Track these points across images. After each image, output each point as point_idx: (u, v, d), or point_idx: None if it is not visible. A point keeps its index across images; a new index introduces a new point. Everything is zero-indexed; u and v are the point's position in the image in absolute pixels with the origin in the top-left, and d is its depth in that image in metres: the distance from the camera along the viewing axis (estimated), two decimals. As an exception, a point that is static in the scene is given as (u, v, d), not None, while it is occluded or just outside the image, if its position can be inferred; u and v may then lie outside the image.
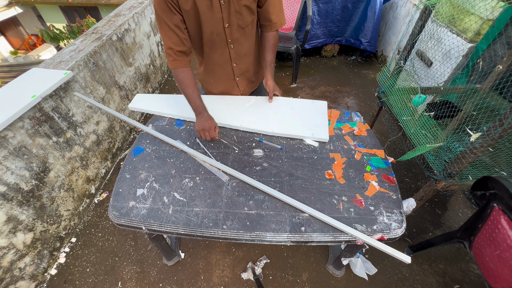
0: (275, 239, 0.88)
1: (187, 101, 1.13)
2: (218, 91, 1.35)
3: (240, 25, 1.04)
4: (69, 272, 1.52)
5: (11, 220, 1.28)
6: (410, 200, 1.37)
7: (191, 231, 0.90)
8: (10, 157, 1.25)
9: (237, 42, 1.11)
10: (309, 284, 1.45)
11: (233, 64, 1.18)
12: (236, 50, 1.13)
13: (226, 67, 1.19)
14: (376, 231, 0.88)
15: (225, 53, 1.13)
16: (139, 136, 1.24)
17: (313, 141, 1.20)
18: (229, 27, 1.03)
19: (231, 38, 1.07)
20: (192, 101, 1.12)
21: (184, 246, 1.62)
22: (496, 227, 0.97)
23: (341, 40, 3.38)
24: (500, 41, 1.57)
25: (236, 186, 1.01)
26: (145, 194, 0.99)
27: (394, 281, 1.45)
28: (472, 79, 1.70)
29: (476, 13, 1.55)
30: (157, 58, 3.00)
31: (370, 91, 2.97)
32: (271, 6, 1.07)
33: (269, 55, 1.21)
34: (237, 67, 1.20)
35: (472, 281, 1.45)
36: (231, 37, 1.07)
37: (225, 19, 1.00)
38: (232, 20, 1.02)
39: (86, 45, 1.84)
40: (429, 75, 1.82)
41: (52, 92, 1.47)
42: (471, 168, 1.26)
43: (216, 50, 1.11)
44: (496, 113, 1.45)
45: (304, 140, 1.20)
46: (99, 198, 1.90)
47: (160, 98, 1.42)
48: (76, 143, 1.69)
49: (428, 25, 1.71)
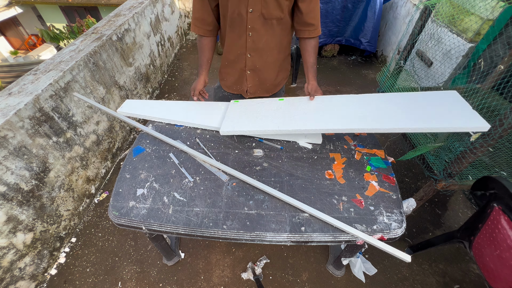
0: (275, 239, 0.88)
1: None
2: (229, 81, 1.33)
3: (263, 14, 1.04)
4: (69, 272, 1.52)
5: (11, 220, 1.28)
6: (410, 200, 1.37)
7: (191, 231, 0.90)
8: (10, 157, 1.25)
9: (256, 32, 1.10)
10: (309, 284, 1.45)
11: (247, 54, 1.17)
12: (253, 39, 1.12)
13: (241, 55, 1.18)
14: (376, 231, 0.88)
15: (242, 38, 1.12)
16: (139, 136, 1.24)
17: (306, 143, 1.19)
18: (252, 12, 1.03)
19: (251, 24, 1.07)
20: (199, 64, 1.27)
21: (184, 246, 1.62)
22: (496, 227, 0.97)
23: (341, 40, 3.38)
24: (500, 41, 1.57)
25: (236, 186, 1.01)
26: (145, 194, 0.99)
27: (394, 281, 1.45)
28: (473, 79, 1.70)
29: (476, 13, 1.55)
30: (157, 58, 3.00)
31: (370, 91, 2.97)
32: (313, 10, 1.08)
33: (311, 58, 1.20)
34: (250, 59, 1.18)
35: (472, 281, 1.45)
36: (252, 23, 1.06)
37: (250, 3, 1.01)
38: (257, 6, 1.02)
39: (86, 45, 1.84)
40: (429, 75, 1.82)
41: (52, 92, 1.48)
42: (471, 168, 1.26)
43: (235, 31, 1.11)
44: (496, 113, 1.45)
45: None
46: (99, 198, 1.90)
47: (150, 104, 1.40)
48: (76, 143, 1.69)
49: (428, 25, 1.71)
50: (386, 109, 1.06)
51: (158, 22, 3.04)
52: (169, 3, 3.43)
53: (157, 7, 2.99)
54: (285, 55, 1.26)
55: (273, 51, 1.19)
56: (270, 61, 1.22)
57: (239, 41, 1.13)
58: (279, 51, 1.20)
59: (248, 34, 1.10)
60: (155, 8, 2.93)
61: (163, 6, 3.21)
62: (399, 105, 1.06)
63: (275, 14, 1.05)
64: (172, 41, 3.56)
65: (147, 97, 2.74)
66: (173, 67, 3.49)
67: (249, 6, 1.01)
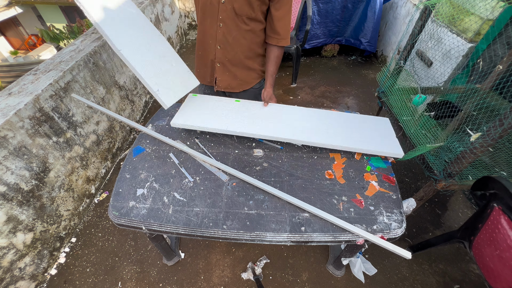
0: (275, 239, 0.88)
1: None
2: (201, 70, 1.34)
3: (234, 8, 1.04)
4: (69, 272, 1.52)
5: (11, 220, 1.28)
6: (410, 200, 1.38)
7: (191, 231, 0.90)
8: (10, 157, 1.25)
9: (226, 25, 1.10)
10: (309, 284, 1.45)
11: (217, 45, 1.17)
12: (223, 31, 1.12)
13: (211, 45, 1.18)
14: (376, 231, 0.88)
15: (213, 27, 1.12)
16: (139, 136, 1.24)
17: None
18: (224, 3, 1.03)
19: (222, 16, 1.07)
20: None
21: (184, 246, 1.62)
22: (496, 227, 0.97)
23: (341, 40, 3.38)
24: (500, 41, 1.57)
25: (236, 186, 1.01)
26: (145, 194, 0.99)
27: (394, 281, 1.45)
28: (472, 79, 1.70)
29: (476, 13, 1.55)
30: (157, 58, 3.00)
31: (370, 91, 2.98)
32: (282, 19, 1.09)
33: (271, 66, 1.22)
34: (220, 51, 1.18)
35: (472, 281, 1.45)
36: (223, 15, 1.07)
37: None
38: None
39: (86, 45, 1.84)
40: (429, 75, 1.82)
41: (52, 92, 1.48)
42: (471, 168, 1.26)
43: (206, 19, 1.12)
44: (496, 113, 1.45)
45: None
46: (99, 198, 1.90)
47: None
48: (76, 143, 1.69)
49: (428, 25, 1.71)
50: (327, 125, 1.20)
51: (158, 22, 3.03)
52: (169, 3, 3.43)
53: (157, 7, 2.99)
54: (255, 54, 1.25)
55: (243, 48, 1.19)
56: (240, 58, 1.22)
57: (210, 31, 1.14)
58: (249, 49, 1.21)
59: (218, 25, 1.10)
60: (155, 8, 2.93)
61: (163, 6, 3.21)
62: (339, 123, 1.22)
63: (246, 11, 1.05)
64: (172, 41, 3.56)
65: (147, 97, 2.74)
66: (173, 67, 3.48)
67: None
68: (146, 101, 2.73)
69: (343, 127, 1.20)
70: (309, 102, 2.81)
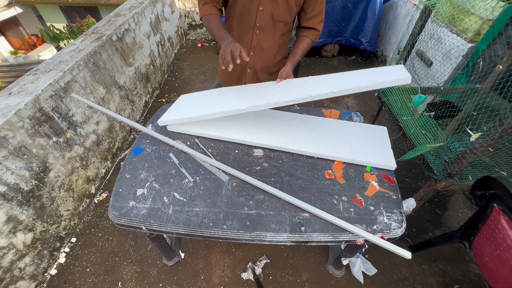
0: (275, 239, 0.88)
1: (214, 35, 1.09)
2: (229, 77, 1.34)
3: (273, 15, 1.05)
4: (69, 272, 1.52)
5: (11, 220, 1.28)
6: (410, 200, 1.38)
7: (191, 231, 0.90)
8: (10, 157, 1.25)
9: (263, 32, 1.11)
10: (309, 284, 1.45)
11: (250, 51, 1.18)
12: (259, 38, 1.13)
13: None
14: (376, 231, 0.88)
15: (248, 35, 1.13)
16: (139, 136, 1.24)
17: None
18: (262, 11, 1.04)
19: (260, 23, 1.08)
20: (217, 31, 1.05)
21: (184, 246, 1.62)
22: (496, 227, 0.97)
23: (341, 40, 3.38)
24: (500, 41, 1.57)
25: (236, 186, 1.01)
26: (145, 194, 0.99)
27: (394, 281, 1.45)
28: (472, 79, 1.70)
29: (476, 13, 1.55)
30: (157, 58, 3.00)
31: (370, 91, 2.97)
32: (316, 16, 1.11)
33: (298, 49, 1.19)
34: (253, 57, 1.20)
35: (472, 281, 1.45)
36: (260, 22, 1.08)
37: (261, 1, 1.02)
38: (267, 6, 1.03)
39: (86, 45, 1.84)
40: (429, 75, 1.82)
41: (52, 92, 1.48)
42: (471, 168, 1.26)
43: (242, 26, 1.12)
44: (496, 113, 1.45)
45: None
46: (99, 198, 1.90)
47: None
48: (76, 143, 1.69)
49: (428, 25, 1.71)
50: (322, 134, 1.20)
51: (158, 22, 3.03)
52: (169, 3, 3.42)
53: (157, 7, 2.99)
54: (282, 57, 1.28)
55: (274, 52, 1.21)
56: (270, 64, 1.24)
57: (244, 38, 1.15)
58: (278, 53, 1.23)
59: (255, 32, 1.11)
60: (155, 8, 2.93)
61: (163, 6, 3.21)
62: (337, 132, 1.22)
63: (284, 17, 1.07)
64: (172, 41, 3.56)
65: (147, 97, 2.74)
66: (173, 67, 3.49)
67: (260, 4, 1.03)
68: (146, 101, 2.73)
69: (338, 136, 1.20)
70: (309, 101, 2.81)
